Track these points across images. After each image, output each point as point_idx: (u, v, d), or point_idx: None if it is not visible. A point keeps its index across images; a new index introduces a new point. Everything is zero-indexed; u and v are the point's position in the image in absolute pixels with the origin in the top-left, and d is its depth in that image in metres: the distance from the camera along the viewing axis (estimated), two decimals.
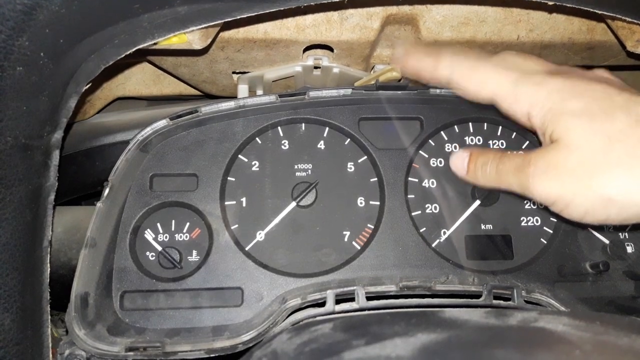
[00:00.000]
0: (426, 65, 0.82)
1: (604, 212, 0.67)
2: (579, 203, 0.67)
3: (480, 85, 0.76)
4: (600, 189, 0.65)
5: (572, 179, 0.67)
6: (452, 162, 0.85)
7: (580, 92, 0.69)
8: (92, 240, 0.81)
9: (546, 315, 0.63)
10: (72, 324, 0.76)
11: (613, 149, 0.65)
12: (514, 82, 0.73)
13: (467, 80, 0.78)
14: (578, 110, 0.68)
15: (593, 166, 0.66)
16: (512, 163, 0.74)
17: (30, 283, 0.65)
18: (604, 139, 0.65)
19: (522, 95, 0.72)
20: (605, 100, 0.68)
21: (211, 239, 0.88)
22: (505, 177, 0.75)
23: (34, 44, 0.56)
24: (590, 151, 0.66)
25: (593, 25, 0.91)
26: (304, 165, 0.93)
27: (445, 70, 0.79)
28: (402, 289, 0.83)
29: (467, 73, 0.77)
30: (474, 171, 0.81)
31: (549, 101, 0.70)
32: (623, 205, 0.65)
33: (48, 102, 0.63)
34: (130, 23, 0.63)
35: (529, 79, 0.73)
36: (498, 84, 0.75)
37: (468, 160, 0.82)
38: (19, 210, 0.62)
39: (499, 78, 0.75)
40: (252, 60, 0.96)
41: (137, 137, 0.87)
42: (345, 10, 0.85)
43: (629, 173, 0.64)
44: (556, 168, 0.68)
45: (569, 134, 0.67)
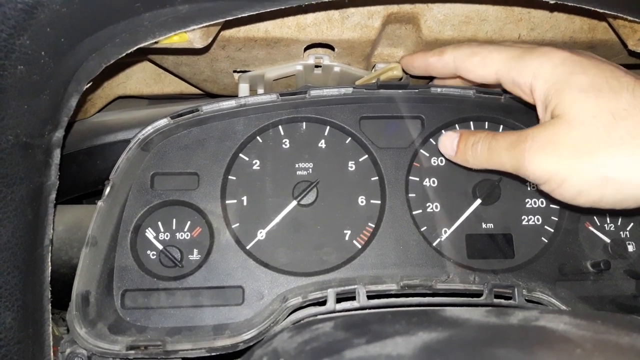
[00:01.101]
0: (432, 60, 0.84)
1: (598, 191, 0.66)
2: (575, 181, 0.66)
3: (483, 62, 0.78)
4: (599, 167, 0.64)
5: (571, 155, 0.66)
6: (441, 142, 0.86)
7: (587, 67, 0.69)
8: (93, 239, 0.82)
9: (547, 314, 0.63)
10: (73, 322, 0.76)
11: (616, 128, 0.64)
12: (518, 56, 0.74)
13: (469, 62, 0.79)
14: (585, 85, 0.67)
15: (595, 143, 0.65)
16: (506, 140, 0.73)
17: (31, 282, 0.65)
18: (609, 117, 0.65)
19: (526, 68, 0.72)
20: (613, 78, 0.67)
21: (212, 237, 0.88)
22: (497, 155, 0.74)
23: (35, 43, 0.56)
24: (594, 128, 0.65)
25: (594, 24, 0.91)
26: (304, 164, 0.93)
27: (449, 59, 0.81)
28: (403, 288, 0.83)
29: (469, 56, 0.79)
30: (464, 151, 0.80)
31: (554, 74, 0.69)
32: (620, 186, 0.64)
33: (49, 100, 0.63)
34: (131, 22, 0.63)
35: (534, 51, 0.73)
36: (500, 59, 0.76)
37: (458, 140, 0.82)
38: (20, 209, 0.62)
39: (501, 53, 0.76)
40: (253, 59, 0.96)
41: (138, 136, 0.87)
42: (346, 9, 0.84)
43: (630, 152, 0.63)
44: (555, 144, 0.67)
45: (573, 109, 0.66)
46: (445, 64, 0.84)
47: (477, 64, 0.79)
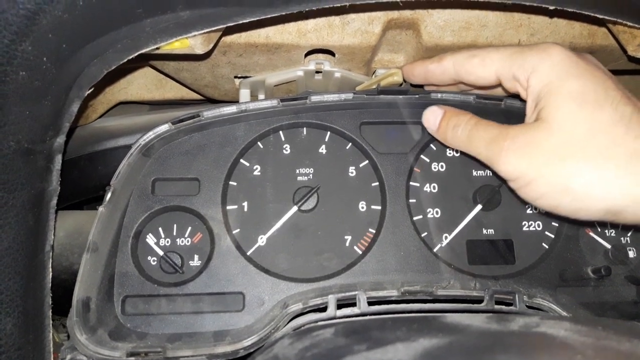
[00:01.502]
0: (431, 67, 0.85)
1: (557, 198, 0.69)
2: (539, 185, 0.70)
3: (483, 63, 0.78)
4: (564, 176, 0.68)
5: (542, 160, 0.69)
6: (425, 116, 0.88)
7: (582, 71, 0.70)
8: (93, 245, 0.82)
9: (548, 321, 0.63)
10: (73, 328, 0.76)
11: (591, 141, 0.67)
12: (518, 51, 0.75)
13: (469, 64, 0.80)
14: (574, 91, 0.69)
15: (566, 153, 0.68)
16: (487, 133, 0.75)
17: (32, 287, 0.65)
18: (587, 129, 0.67)
19: (527, 62, 0.73)
20: (602, 89, 0.69)
21: (213, 243, 0.88)
22: (475, 145, 0.77)
23: (37, 49, 0.56)
24: (570, 137, 0.68)
25: (594, 29, 0.91)
26: (305, 170, 0.93)
27: (449, 64, 0.82)
28: (404, 294, 0.83)
29: (468, 58, 0.80)
30: (445, 130, 0.83)
31: (551, 73, 0.71)
32: (577, 197, 0.68)
33: (51, 106, 0.63)
34: (132, 28, 0.63)
35: (535, 46, 0.74)
36: (500, 57, 0.77)
37: (441, 117, 0.84)
38: (22, 215, 0.62)
39: (500, 52, 0.77)
40: (253, 64, 0.96)
41: (139, 142, 0.87)
42: (347, 15, 0.85)
43: (596, 167, 0.66)
44: (531, 147, 0.70)
45: (557, 115, 0.68)
46: (445, 70, 0.85)
47: (477, 65, 0.80)
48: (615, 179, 0.66)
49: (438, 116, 0.85)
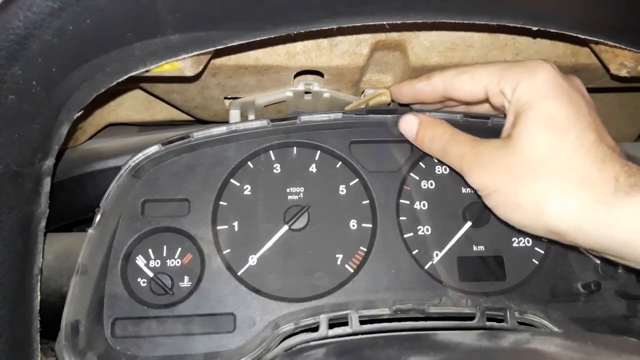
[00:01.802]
0: (419, 86, 0.88)
1: (510, 213, 0.75)
2: (495, 197, 0.76)
3: (472, 78, 0.81)
4: (518, 193, 0.72)
5: (502, 176, 0.74)
6: (401, 125, 0.91)
7: (561, 94, 0.73)
8: (83, 267, 0.81)
9: (538, 337, 0.63)
10: (62, 352, 0.75)
11: (548, 165, 0.70)
12: (506, 66, 0.78)
13: (458, 80, 0.82)
14: (546, 115, 0.72)
15: (525, 171, 0.72)
16: (459, 149, 0.80)
17: (20, 312, 0.64)
18: (547, 152, 0.71)
19: (513, 76, 0.76)
20: (573, 114, 0.72)
21: (203, 264, 0.88)
22: (449, 158, 0.83)
23: (27, 73, 0.57)
24: (531, 158, 0.71)
25: (577, 49, 0.93)
26: (295, 189, 0.93)
27: (437, 82, 0.85)
28: (396, 312, 0.83)
29: (457, 74, 0.82)
30: (422, 140, 0.87)
31: (531, 92, 0.74)
32: (525, 214, 0.73)
33: (40, 129, 0.63)
34: (122, 51, 0.64)
35: (523, 62, 0.77)
36: (488, 72, 0.79)
37: (417, 128, 0.88)
38: (10, 239, 0.61)
39: (489, 67, 0.80)
40: (243, 86, 0.97)
41: (129, 163, 0.87)
42: (335, 37, 0.86)
43: (546, 190, 0.70)
44: (495, 163, 0.75)
45: (524, 136, 0.72)
46: (434, 88, 0.86)
47: (466, 81, 0.82)
48: (560, 204, 0.69)
49: (414, 126, 0.89)
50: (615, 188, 0.66)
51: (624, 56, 0.84)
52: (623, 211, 0.65)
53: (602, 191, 0.67)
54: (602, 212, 0.66)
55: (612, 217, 0.66)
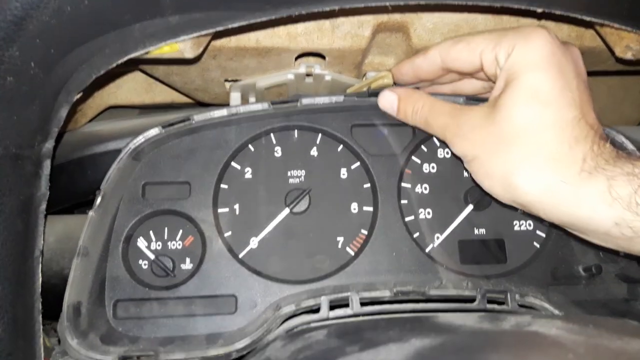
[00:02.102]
0: (418, 62, 0.87)
1: (480, 179, 0.78)
2: (474, 165, 0.78)
3: (468, 47, 0.80)
4: (491, 162, 0.75)
5: (481, 144, 0.76)
6: (380, 102, 0.91)
7: (551, 65, 0.72)
8: (84, 249, 0.81)
9: (539, 319, 0.63)
10: (64, 333, 0.76)
11: (524, 138, 0.71)
12: (502, 33, 0.77)
13: (454, 50, 0.81)
14: (531, 86, 0.72)
15: (503, 141, 0.73)
16: (441, 121, 0.82)
17: (21, 293, 0.64)
18: (527, 125, 0.71)
19: (508, 41, 0.75)
20: (558, 88, 0.72)
21: (204, 246, 0.88)
22: (432, 129, 0.85)
23: (25, 54, 0.56)
24: (511, 128, 0.73)
25: (582, 31, 0.92)
26: (297, 172, 0.93)
27: (434, 54, 0.84)
28: (396, 295, 0.83)
29: (453, 44, 0.82)
30: (405, 113, 0.88)
31: (522, 61, 0.73)
32: (494, 183, 0.75)
33: (39, 111, 0.63)
34: (121, 33, 0.63)
35: (519, 29, 0.76)
36: (484, 38, 0.79)
37: (397, 103, 0.89)
38: (10, 220, 0.61)
39: (485, 35, 0.79)
40: (244, 68, 0.96)
41: (129, 146, 0.87)
42: (337, 19, 0.85)
43: (521, 162, 0.71)
44: (476, 132, 0.76)
45: (509, 105, 0.73)
46: (432, 61, 0.85)
47: (462, 49, 0.81)
48: (528, 179, 0.71)
49: (393, 102, 0.89)
50: (581, 168, 0.68)
51: (629, 39, 0.83)
52: (583, 192, 0.67)
53: (567, 171, 0.68)
54: (564, 192, 0.69)
55: (574, 197, 0.68)
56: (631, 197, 0.64)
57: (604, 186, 0.66)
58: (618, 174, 0.66)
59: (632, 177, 0.65)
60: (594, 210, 0.67)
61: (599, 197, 0.66)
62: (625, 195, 0.64)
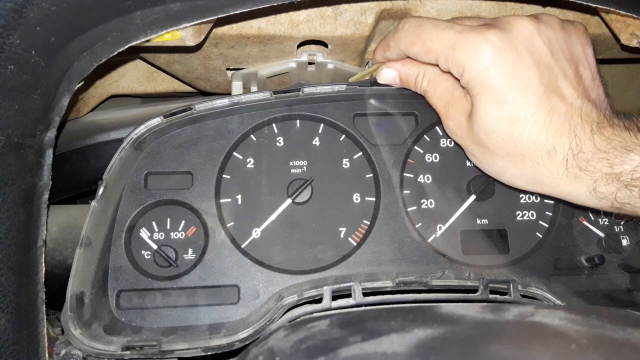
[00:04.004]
0: (388, 55, 0.86)
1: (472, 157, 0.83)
2: (470, 156, 0.83)
3: (424, 52, 0.79)
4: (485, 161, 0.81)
5: (469, 141, 0.80)
6: (380, 79, 0.90)
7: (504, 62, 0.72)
8: (87, 240, 0.81)
9: (542, 310, 0.63)
10: (67, 323, 0.76)
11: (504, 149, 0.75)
12: (452, 45, 0.75)
13: (412, 52, 0.81)
14: (488, 87, 0.73)
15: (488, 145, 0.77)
16: (442, 97, 0.84)
17: (25, 283, 0.64)
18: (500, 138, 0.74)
19: (458, 58, 0.74)
20: (511, 84, 0.72)
21: (207, 236, 0.88)
22: (433, 102, 0.86)
23: (25, 42, 0.56)
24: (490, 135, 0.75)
25: (587, 18, 0.91)
26: (299, 162, 0.93)
27: (396, 50, 0.83)
28: (399, 285, 0.83)
29: (409, 46, 0.80)
30: (406, 81, 0.88)
31: (477, 73, 0.73)
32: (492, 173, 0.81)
33: (40, 100, 0.63)
34: (122, 20, 0.63)
35: (469, 38, 0.74)
36: (437, 48, 0.77)
37: (398, 75, 0.88)
38: (13, 210, 0.61)
39: (439, 40, 0.77)
40: (246, 56, 0.95)
41: (131, 135, 0.86)
42: (339, 6, 0.84)
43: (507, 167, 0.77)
44: (462, 131, 0.81)
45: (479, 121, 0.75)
46: (396, 54, 0.85)
47: (419, 53, 0.80)
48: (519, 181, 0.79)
49: (395, 77, 0.89)
50: (565, 170, 0.72)
51: (635, 26, 0.82)
52: (570, 189, 0.74)
53: (553, 174, 0.73)
54: (556, 189, 0.75)
55: (564, 191, 0.75)
56: (615, 194, 0.71)
57: (589, 187, 0.72)
58: (600, 177, 0.70)
59: (612, 178, 0.70)
60: (586, 201, 0.75)
61: (586, 195, 0.73)
62: (609, 194, 0.71)
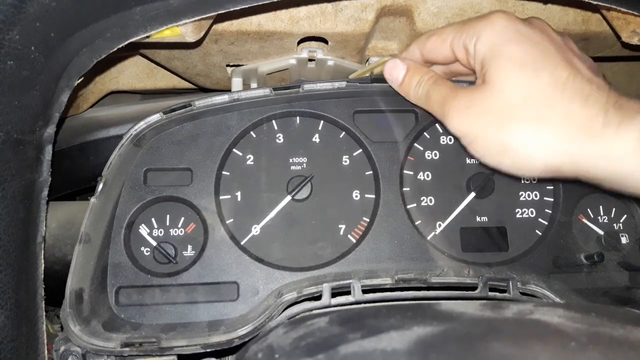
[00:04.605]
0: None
1: (498, 158, 0.73)
2: (479, 145, 0.74)
3: (440, 39, 0.81)
4: (501, 136, 0.71)
5: (483, 120, 0.72)
6: (387, 70, 0.87)
7: (522, 37, 0.72)
8: (86, 236, 0.81)
9: (541, 307, 0.63)
10: (67, 320, 0.76)
11: (528, 104, 0.69)
12: (467, 23, 0.78)
13: (429, 43, 0.82)
14: (514, 57, 0.71)
15: (506, 114, 0.70)
16: (441, 92, 0.79)
17: (24, 279, 0.64)
18: (525, 92, 0.69)
19: (472, 30, 0.75)
20: (540, 54, 0.71)
21: (206, 233, 0.88)
22: (431, 103, 0.81)
23: (25, 38, 0.55)
24: (510, 99, 0.70)
25: (588, 15, 0.91)
26: (299, 159, 0.93)
27: (414, 50, 0.85)
28: (398, 282, 0.83)
29: (427, 37, 0.82)
30: (408, 85, 0.85)
31: (493, 38, 0.73)
32: (516, 156, 0.71)
33: (40, 96, 0.63)
34: (122, 16, 0.62)
35: (482, 17, 0.76)
36: (452, 29, 0.79)
37: (405, 73, 0.85)
38: (12, 206, 0.61)
39: (454, 25, 0.79)
40: (246, 52, 0.95)
41: (131, 132, 0.86)
42: (340, 2, 0.84)
43: (533, 129, 0.69)
44: (473, 107, 0.73)
45: (499, 78, 0.71)
46: (413, 56, 0.86)
47: (435, 41, 0.81)
48: (552, 140, 0.67)
49: (402, 71, 0.86)
50: (604, 122, 0.64)
51: (636, 23, 0.82)
52: (611, 148, 0.64)
53: (589, 126, 0.65)
54: (588, 152, 0.65)
55: (601, 156, 0.65)
56: None
57: (636, 140, 0.62)
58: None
59: None
60: (629, 160, 0.63)
61: (633, 151, 0.62)
62: None
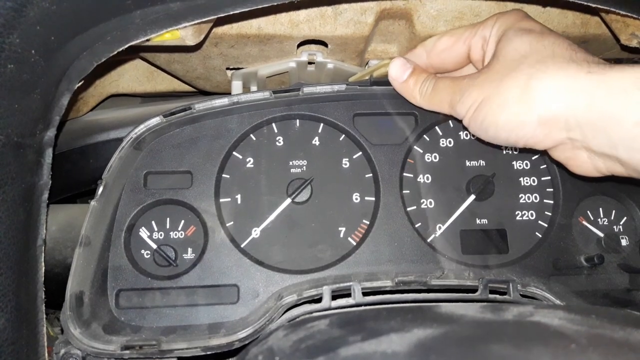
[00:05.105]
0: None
1: (496, 117, 0.73)
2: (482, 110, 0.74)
3: (453, 39, 0.84)
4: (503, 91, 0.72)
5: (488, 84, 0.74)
6: (393, 67, 0.88)
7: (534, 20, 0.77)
8: (86, 239, 0.81)
9: (542, 310, 0.63)
10: (67, 323, 0.76)
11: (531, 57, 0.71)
12: (480, 21, 0.82)
13: (440, 43, 0.85)
14: (524, 27, 0.75)
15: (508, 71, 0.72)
16: (446, 83, 0.82)
17: (24, 282, 0.64)
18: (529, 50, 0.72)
19: (489, 20, 0.80)
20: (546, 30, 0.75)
21: (206, 236, 0.88)
22: (438, 97, 0.83)
23: (25, 41, 0.56)
24: (513, 58, 0.72)
25: (587, 18, 0.91)
26: (298, 162, 0.93)
27: (420, 52, 0.87)
28: (398, 284, 0.83)
29: (437, 38, 0.85)
30: (414, 86, 0.86)
31: (510, 18, 0.78)
32: (515, 109, 0.71)
33: (40, 99, 0.63)
34: (122, 20, 0.63)
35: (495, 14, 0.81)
36: (465, 28, 0.83)
37: (410, 73, 0.87)
38: (13, 209, 0.61)
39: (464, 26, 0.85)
40: (245, 56, 0.95)
41: (131, 135, 0.86)
42: (339, 5, 0.84)
43: (535, 73, 0.69)
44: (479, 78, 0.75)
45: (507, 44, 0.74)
46: (419, 58, 0.87)
47: (447, 40, 0.84)
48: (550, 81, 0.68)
49: (407, 70, 0.87)
50: (603, 63, 0.67)
51: (635, 26, 0.82)
52: (612, 79, 0.64)
53: (589, 65, 0.66)
54: (590, 87, 0.65)
55: (603, 90, 0.64)
56: None
57: (635, 75, 0.62)
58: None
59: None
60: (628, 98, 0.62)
61: (633, 83, 0.62)
62: None
